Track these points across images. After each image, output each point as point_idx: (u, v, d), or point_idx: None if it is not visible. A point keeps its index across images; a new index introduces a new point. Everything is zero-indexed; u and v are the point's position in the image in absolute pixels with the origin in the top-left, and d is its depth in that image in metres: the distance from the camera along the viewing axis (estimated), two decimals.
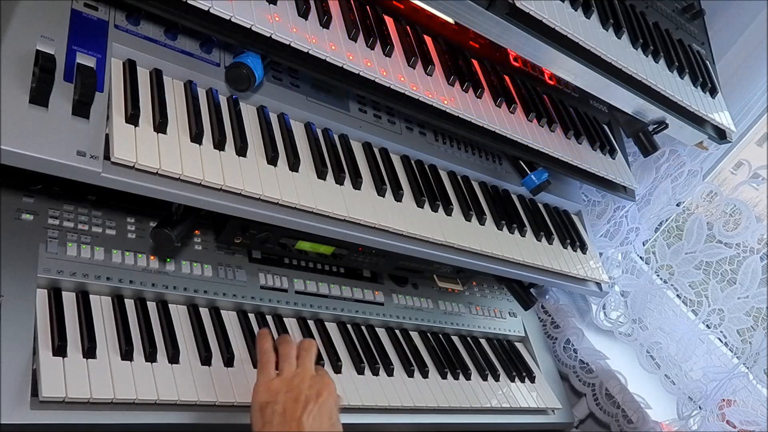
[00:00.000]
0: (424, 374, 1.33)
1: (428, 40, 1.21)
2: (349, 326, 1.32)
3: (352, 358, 1.26)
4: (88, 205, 1.09)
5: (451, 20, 1.23)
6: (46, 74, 0.81)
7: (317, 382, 0.96)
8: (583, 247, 1.50)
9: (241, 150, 0.99)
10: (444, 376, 1.36)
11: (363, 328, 1.34)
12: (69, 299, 1.00)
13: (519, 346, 1.63)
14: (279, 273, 1.25)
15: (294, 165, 1.05)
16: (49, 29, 0.87)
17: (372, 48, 1.07)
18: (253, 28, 0.93)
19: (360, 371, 1.24)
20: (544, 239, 1.41)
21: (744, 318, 1.48)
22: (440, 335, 1.47)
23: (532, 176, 1.41)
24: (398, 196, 1.17)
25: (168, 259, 1.12)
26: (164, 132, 0.92)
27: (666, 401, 1.60)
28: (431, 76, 1.14)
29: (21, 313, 0.92)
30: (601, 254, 1.66)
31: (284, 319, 1.23)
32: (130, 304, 1.05)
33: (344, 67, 1.01)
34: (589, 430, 1.71)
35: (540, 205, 1.50)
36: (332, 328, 1.29)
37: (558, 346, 1.75)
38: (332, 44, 1.01)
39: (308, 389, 0.94)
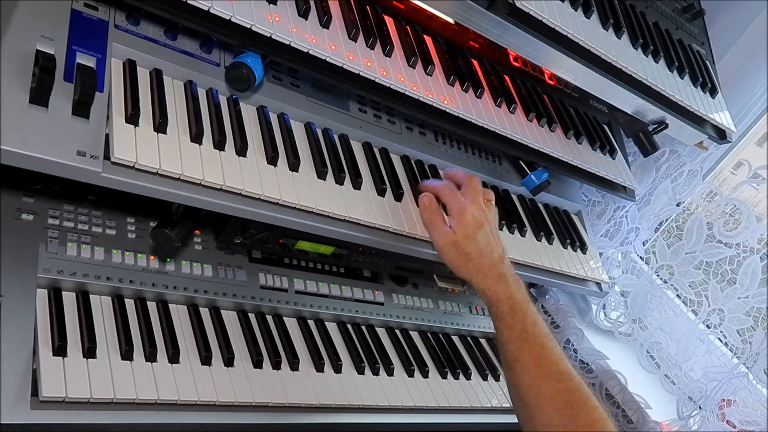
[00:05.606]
0: (424, 374, 1.33)
1: (428, 40, 1.21)
2: (349, 326, 1.32)
3: (352, 357, 1.25)
4: (88, 205, 1.09)
5: (451, 20, 1.23)
6: (46, 74, 0.81)
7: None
8: (583, 247, 1.50)
9: (241, 150, 0.99)
10: (444, 376, 1.36)
11: (363, 327, 1.34)
12: (69, 299, 1.00)
13: None
14: (279, 273, 1.25)
15: (294, 165, 1.05)
16: (49, 29, 0.87)
17: (372, 48, 1.07)
18: (253, 28, 0.93)
19: (360, 371, 1.24)
20: (544, 239, 1.41)
21: (744, 318, 1.48)
22: (440, 335, 1.47)
23: (532, 176, 1.41)
24: (398, 196, 1.17)
25: (168, 259, 1.12)
26: (164, 132, 0.92)
27: (666, 401, 1.60)
28: (431, 76, 1.14)
29: (21, 313, 0.92)
30: (601, 254, 1.66)
31: (284, 318, 1.23)
32: (130, 304, 1.05)
33: (344, 67, 1.01)
34: None
35: (540, 205, 1.50)
36: (332, 328, 1.29)
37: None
38: (332, 44, 1.01)
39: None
